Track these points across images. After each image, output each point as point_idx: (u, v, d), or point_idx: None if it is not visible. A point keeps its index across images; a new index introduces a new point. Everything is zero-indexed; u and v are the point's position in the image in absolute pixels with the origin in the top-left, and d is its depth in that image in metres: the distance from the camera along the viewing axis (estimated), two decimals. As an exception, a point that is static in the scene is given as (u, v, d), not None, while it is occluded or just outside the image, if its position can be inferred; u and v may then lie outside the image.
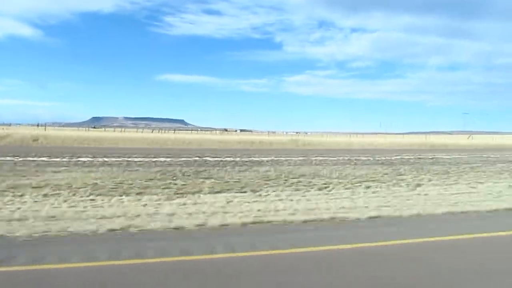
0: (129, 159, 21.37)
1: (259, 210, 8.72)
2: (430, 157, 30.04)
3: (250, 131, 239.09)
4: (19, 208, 8.30)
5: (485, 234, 7.27)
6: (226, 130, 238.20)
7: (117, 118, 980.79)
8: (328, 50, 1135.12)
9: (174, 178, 13.98)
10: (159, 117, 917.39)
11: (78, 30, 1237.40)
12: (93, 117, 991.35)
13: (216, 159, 23.32)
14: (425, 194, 11.58)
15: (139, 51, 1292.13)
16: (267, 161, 22.92)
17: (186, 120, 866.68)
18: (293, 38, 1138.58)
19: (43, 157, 20.73)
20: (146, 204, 9.11)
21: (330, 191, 11.90)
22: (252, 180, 13.76)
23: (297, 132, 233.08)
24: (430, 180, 15.03)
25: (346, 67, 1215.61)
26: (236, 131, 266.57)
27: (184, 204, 9.35)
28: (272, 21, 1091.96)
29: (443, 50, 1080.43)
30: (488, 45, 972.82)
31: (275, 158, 24.88)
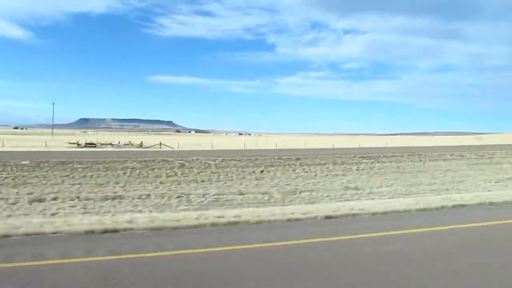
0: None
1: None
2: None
3: (208, 132, 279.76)
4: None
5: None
6: (178, 131, 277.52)
7: (105, 119, 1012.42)
8: (321, 51, 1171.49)
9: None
10: (147, 118, 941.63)
11: (69, 31, 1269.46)
12: (81, 119, 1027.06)
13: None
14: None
15: (130, 52, 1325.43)
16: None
17: (174, 122, 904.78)
18: (286, 40, 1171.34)
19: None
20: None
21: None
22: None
23: (240, 133, 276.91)
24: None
25: (338, 68, 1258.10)
26: (190, 132, 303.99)
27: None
28: (265, 22, 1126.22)
29: (435, 52, 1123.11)
30: (479, 46, 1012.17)
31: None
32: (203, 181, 20.06)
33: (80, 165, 24.29)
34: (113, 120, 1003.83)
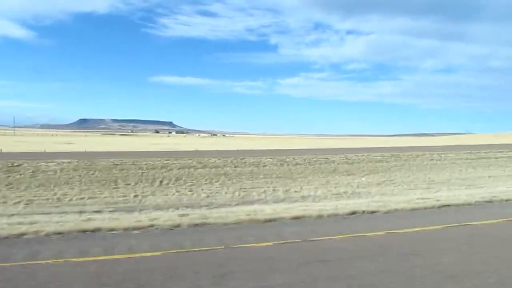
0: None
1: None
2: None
3: (187, 132, 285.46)
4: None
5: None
6: (157, 131, 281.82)
7: (104, 120, 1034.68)
8: (323, 52, 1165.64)
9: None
10: (147, 119, 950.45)
11: (71, 31, 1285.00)
12: (80, 119, 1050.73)
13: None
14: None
15: (132, 52, 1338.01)
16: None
17: (174, 122, 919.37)
18: (289, 41, 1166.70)
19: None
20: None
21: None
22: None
23: (213, 135, 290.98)
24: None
25: (340, 69, 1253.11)
26: (170, 133, 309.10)
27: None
28: (267, 23, 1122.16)
29: (438, 53, 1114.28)
30: (482, 47, 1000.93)
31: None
32: None
33: None
34: (113, 120, 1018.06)
